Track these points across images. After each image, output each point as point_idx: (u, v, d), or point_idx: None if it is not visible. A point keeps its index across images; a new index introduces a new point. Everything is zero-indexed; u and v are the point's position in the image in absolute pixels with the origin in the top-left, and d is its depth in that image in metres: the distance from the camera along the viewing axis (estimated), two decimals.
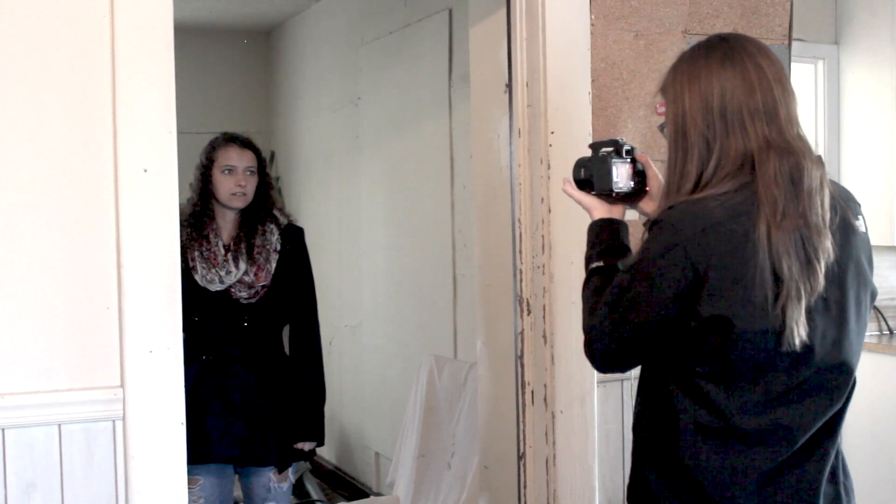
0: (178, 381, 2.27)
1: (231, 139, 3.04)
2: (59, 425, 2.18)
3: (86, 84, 2.21)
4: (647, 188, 1.92)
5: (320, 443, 3.13)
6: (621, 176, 1.89)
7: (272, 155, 6.74)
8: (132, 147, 2.23)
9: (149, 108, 2.24)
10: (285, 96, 6.52)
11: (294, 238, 3.10)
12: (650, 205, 1.93)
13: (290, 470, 3.12)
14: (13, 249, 2.15)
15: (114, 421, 2.22)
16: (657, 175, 1.92)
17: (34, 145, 2.17)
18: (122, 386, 2.22)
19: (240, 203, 2.98)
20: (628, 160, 1.90)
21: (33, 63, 2.17)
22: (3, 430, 2.15)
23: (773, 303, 1.59)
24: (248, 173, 3.00)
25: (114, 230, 2.22)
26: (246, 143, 3.05)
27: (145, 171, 2.23)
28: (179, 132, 2.30)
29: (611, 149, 1.90)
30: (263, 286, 2.99)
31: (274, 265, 3.02)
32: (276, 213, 3.09)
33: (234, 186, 2.96)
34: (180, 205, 2.50)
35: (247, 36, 6.71)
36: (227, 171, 2.97)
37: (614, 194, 1.90)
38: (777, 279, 1.59)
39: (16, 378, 2.16)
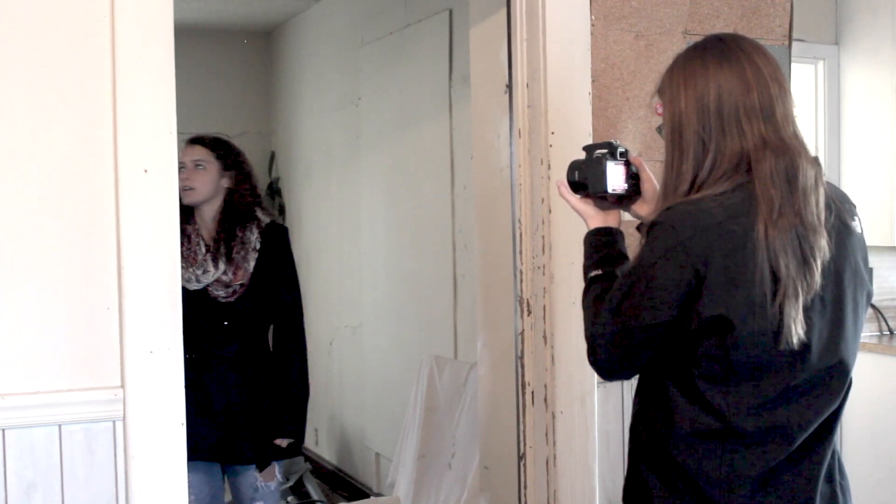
0: (178, 381, 2.27)
1: (189, 140, 3.08)
2: (60, 426, 2.18)
3: (86, 84, 2.21)
4: (641, 191, 1.93)
5: (299, 440, 3.13)
6: (616, 178, 1.89)
7: (272, 155, 6.74)
8: (132, 147, 2.23)
9: (149, 108, 2.24)
10: (285, 96, 6.52)
11: (275, 237, 3.10)
12: (644, 208, 1.93)
13: (276, 469, 3.13)
14: (13, 250, 2.15)
15: (114, 421, 2.22)
16: (651, 178, 1.93)
17: (34, 146, 2.17)
18: (122, 386, 2.22)
19: (186, 198, 2.99)
20: (622, 162, 1.90)
21: (33, 63, 2.17)
22: (3, 430, 2.14)
23: (771, 302, 1.59)
24: (197, 167, 3.03)
25: (114, 230, 2.22)
26: (196, 140, 3.08)
27: (146, 171, 2.23)
28: (179, 132, 2.30)
29: (605, 151, 1.90)
30: (241, 285, 3.01)
31: (252, 264, 3.03)
32: (257, 211, 3.10)
33: (181, 182, 2.98)
34: None
35: (247, 36, 6.71)
36: (181, 170, 2.99)
37: (609, 196, 1.90)
38: (775, 278, 1.59)
39: (16, 378, 2.15)
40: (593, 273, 1.83)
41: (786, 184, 1.62)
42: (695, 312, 1.61)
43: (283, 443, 3.08)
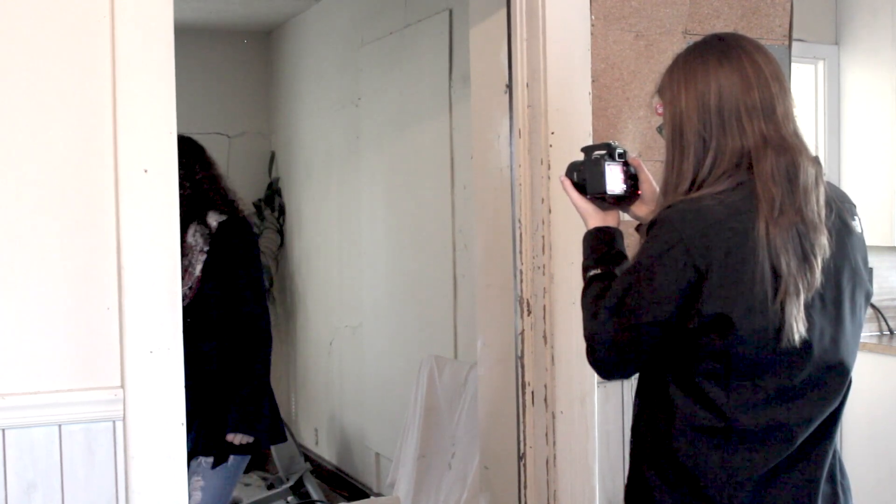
0: (178, 381, 2.27)
1: None
2: (60, 426, 2.18)
3: (86, 84, 2.21)
4: (640, 192, 1.93)
5: (255, 436, 3.09)
6: (614, 179, 1.90)
7: (272, 155, 6.74)
8: (132, 147, 2.23)
9: (149, 108, 2.24)
10: (285, 96, 6.52)
11: (227, 235, 3.08)
12: (643, 208, 1.93)
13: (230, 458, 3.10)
14: (13, 250, 2.15)
15: (114, 421, 2.22)
16: (650, 178, 1.93)
17: (34, 146, 2.17)
18: (122, 386, 2.22)
19: None
20: (621, 163, 1.90)
21: (33, 63, 2.17)
22: (3, 430, 2.15)
23: (772, 299, 1.59)
24: None
25: (114, 230, 2.22)
26: None
27: (145, 171, 2.23)
28: (179, 132, 2.30)
29: (603, 152, 1.90)
30: (190, 288, 3.01)
31: (199, 267, 3.03)
32: (209, 213, 3.08)
33: None
34: None
35: (247, 36, 6.71)
36: None
37: (607, 197, 1.90)
38: (776, 276, 1.59)
39: (16, 378, 2.16)
40: (592, 272, 1.83)
41: (787, 182, 1.62)
42: (695, 310, 1.62)
43: (235, 439, 3.05)
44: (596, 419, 2.80)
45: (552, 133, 2.75)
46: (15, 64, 2.15)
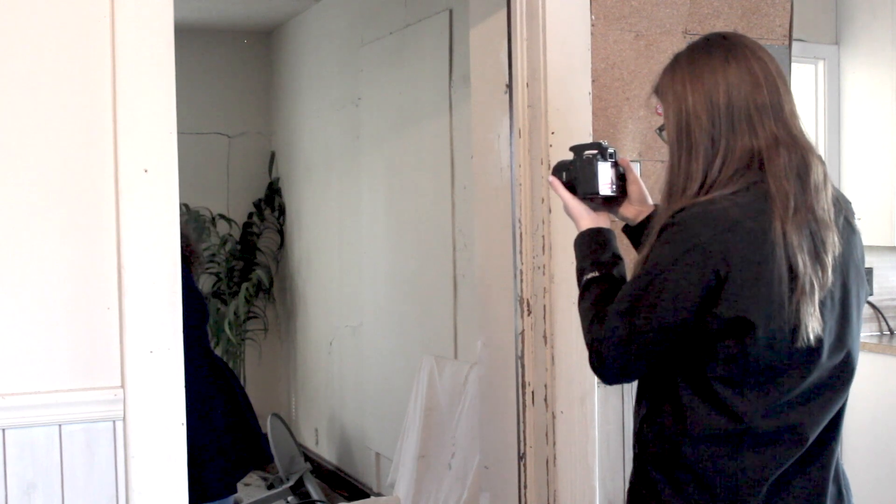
0: (178, 381, 2.27)
1: None
2: (60, 425, 2.18)
3: (86, 84, 2.21)
4: (627, 192, 1.92)
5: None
6: (605, 179, 1.88)
7: (272, 155, 6.75)
8: (132, 147, 2.22)
9: (149, 108, 2.24)
10: (285, 96, 6.52)
11: None
12: (630, 209, 1.92)
13: None
14: (13, 249, 2.15)
15: (114, 421, 2.22)
16: (638, 179, 1.92)
17: (34, 146, 2.17)
18: (122, 386, 2.22)
19: None
20: (611, 163, 1.89)
21: (33, 63, 2.17)
22: (3, 430, 2.14)
23: (788, 299, 1.58)
24: None
25: (114, 230, 2.22)
26: None
27: (146, 171, 2.23)
28: (179, 132, 2.30)
29: (595, 151, 1.88)
30: None
31: None
32: None
33: None
34: None
35: (247, 36, 6.71)
36: None
37: (596, 198, 1.89)
38: (792, 275, 1.58)
39: (16, 378, 2.15)
40: (590, 275, 1.80)
41: (798, 180, 1.61)
42: (713, 314, 1.59)
43: None
44: (596, 419, 2.80)
45: (552, 133, 2.75)
46: (15, 64, 2.15)
